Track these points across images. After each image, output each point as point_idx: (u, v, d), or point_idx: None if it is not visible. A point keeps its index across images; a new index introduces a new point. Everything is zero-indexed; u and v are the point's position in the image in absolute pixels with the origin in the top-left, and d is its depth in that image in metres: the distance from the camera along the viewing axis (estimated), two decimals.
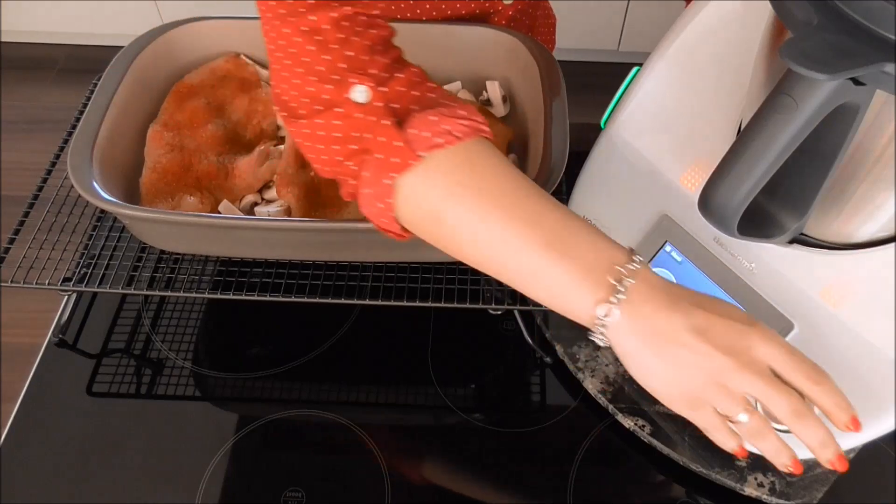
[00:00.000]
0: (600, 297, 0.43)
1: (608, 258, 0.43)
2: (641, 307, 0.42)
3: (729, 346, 0.41)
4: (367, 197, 0.48)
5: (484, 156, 0.46)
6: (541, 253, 0.44)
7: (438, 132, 0.45)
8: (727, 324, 0.42)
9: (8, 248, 0.66)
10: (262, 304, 0.68)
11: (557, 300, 0.45)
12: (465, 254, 0.47)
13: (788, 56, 0.34)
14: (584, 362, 0.67)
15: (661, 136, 0.59)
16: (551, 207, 0.45)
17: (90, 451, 0.65)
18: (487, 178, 0.45)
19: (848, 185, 0.46)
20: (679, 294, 0.43)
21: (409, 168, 0.45)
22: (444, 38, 0.75)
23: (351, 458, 0.64)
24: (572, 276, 0.43)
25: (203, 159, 0.68)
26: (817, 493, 0.60)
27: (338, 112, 0.47)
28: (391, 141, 0.45)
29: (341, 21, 0.46)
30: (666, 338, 0.42)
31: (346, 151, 0.47)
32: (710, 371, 0.41)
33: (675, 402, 0.43)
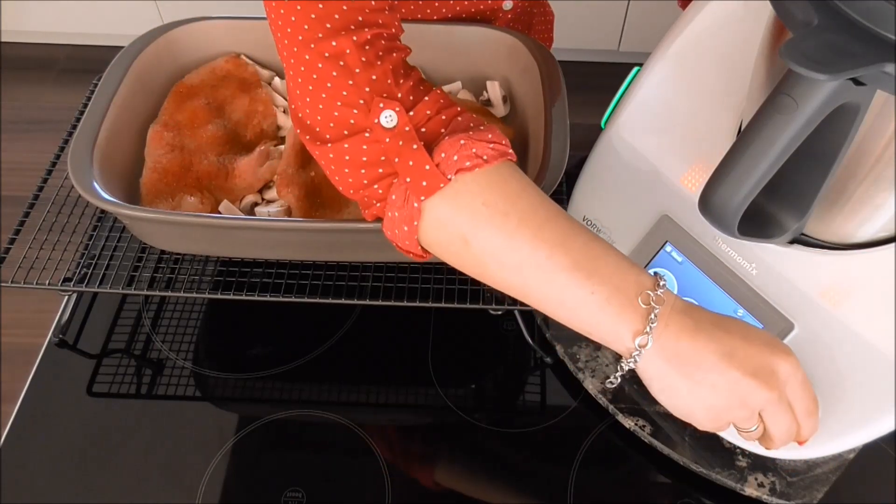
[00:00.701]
0: (636, 327, 0.44)
1: (635, 282, 0.44)
2: (669, 333, 0.43)
3: (755, 369, 0.43)
4: (392, 220, 0.48)
5: (511, 179, 0.47)
6: (569, 275, 0.44)
7: (467, 156, 0.46)
8: (751, 347, 0.44)
9: (8, 249, 0.66)
10: (262, 305, 0.68)
11: (587, 325, 0.46)
12: (492, 277, 0.47)
13: (789, 56, 0.34)
14: (585, 362, 0.67)
15: (661, 136, 0.59)
16: (577, 231, 0.46)
17: (90, 451, 0.65)
18: (514, 201, 0.46)
19: (848, 185, 0.46)
20: (703, 318, 0.44)
21: (438, 191, 0.46)
22: (445, 38, 0.75)
23: (351, 458, 0.64)
24: (600, 299, 0.44)
25: (203, 159, 0.68)
26: (817, 493, 0.60)
27: (366, 137, 0.47)
28: (421, 164, 0.46)
29: (363, 45, 0.46)
30: (695, 364, 0.43)
31: (374, 175, 0.48)
32: (738, 394, 0.44)
33: (700, 422, 0.46)
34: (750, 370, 0.43)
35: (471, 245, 0.46)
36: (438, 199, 0.46)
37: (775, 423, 0.45)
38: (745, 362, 0.43)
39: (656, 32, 0.60)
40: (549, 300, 0.46)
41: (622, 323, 0.44)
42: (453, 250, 0.48)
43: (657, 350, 0.44)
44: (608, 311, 0.44)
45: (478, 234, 0.46)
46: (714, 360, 0.43)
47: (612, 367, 0.67)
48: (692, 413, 0.45)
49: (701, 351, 0.43)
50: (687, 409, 0.45)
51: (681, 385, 0.44)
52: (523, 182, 0.47)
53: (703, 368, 0.43)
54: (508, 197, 0.46)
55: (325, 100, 0.47)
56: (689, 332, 0.43)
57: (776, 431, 0.46)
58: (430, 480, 0.64)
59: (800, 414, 0.46)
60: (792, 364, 0.44)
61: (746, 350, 0.43)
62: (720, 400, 0.44)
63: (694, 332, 0.43)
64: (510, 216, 0.45)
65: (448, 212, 0.46)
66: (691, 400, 0.45)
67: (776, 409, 0.45)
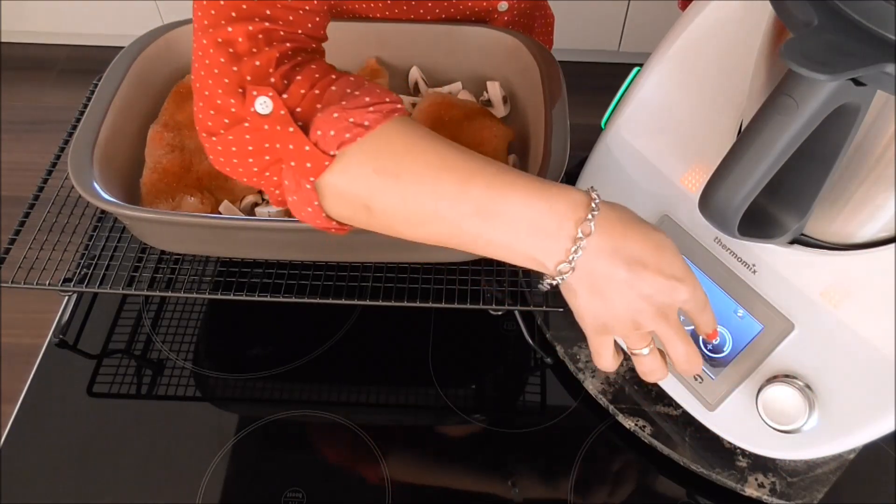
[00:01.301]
0: (556, 254, 0.44)
1: (548, 210, 0.44)
2: (588, 258, 0.44)
3: (652, 294, 0.44)
4: (294, 204, 0.48)
5: (398, 137, 0.46)
6: (473, 220, 0.44)
7: (344, 127, 0.45)
8: (660, 280, 0.44)
9: (8, 249, 0.66)
10: (262, 305, 0.68)
11: (505, 258, 0.46)
12: (405, 235, 0.48)
13: (789, 56, 0.34)
14: (585, 363, 0.67)
15: (661, 136, 0.59)
16: (478, 169, 0.45)
17: (90, 451, 0.65)
18: (403, 160, 0.45)
19: (848, 185, 0.46)
20: (625, 246, 0.44)
21: (325, 170, 0.45)
22: (445, 39, 0.75)
23: (351, 458, 0.64)
24: (511, 236, 0.44)
25: (203, 160, 0.68)
26: (818, 493, 0.60)
27: (245, 126, 0.47)
28: (300, 147, 0.45)
29: (257, 34, 0.46)
30: (601, 281, 0.44)
31: (262, 163, 0.48)
32: (627, 311, 0.45)
33: (586, 325, 0.47)
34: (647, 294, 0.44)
35: (374, 212, 0.46)
36: (329, 176, 0.46)
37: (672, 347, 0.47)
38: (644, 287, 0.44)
39: (656, 33, 0.60)
40: (465, 245, 0.46)
41: (538, 252, 0.44)
42: (360, 219, 0.48)
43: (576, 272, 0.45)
44: (521, 244, 0.44)
45: (376, 202, 0.46)
46: (620, 283, 0.44)
47: None
48: (583, 315, 0.47)
49: (611, 275, 0.44)
50: (580, 309, 0.47)
51: (581, 290, 0.45)
52: (413, 135, 0.47)
53: (607, 286, 0.44)
54: (397, 157, 0.45)
55: (211, 86, 0.47)
56: (606, 256, 0.44)
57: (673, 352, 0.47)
58: (429, 481, 0.64)
59: (699, 324, 0.48)
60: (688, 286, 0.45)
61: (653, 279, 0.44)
62: (612, 311, 0.45)
63: (611, 257, 0.44)
64: (402, 177, 0.45)
65: (342, 186, 0.46)
66: (586, 303, 0.46)
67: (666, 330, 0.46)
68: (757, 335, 0.55)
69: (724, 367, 0.57)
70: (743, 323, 0.56)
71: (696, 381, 0.59)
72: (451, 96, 0.75)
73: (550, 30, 0.89)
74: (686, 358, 0.48)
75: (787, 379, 0.54)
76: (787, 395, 0.53)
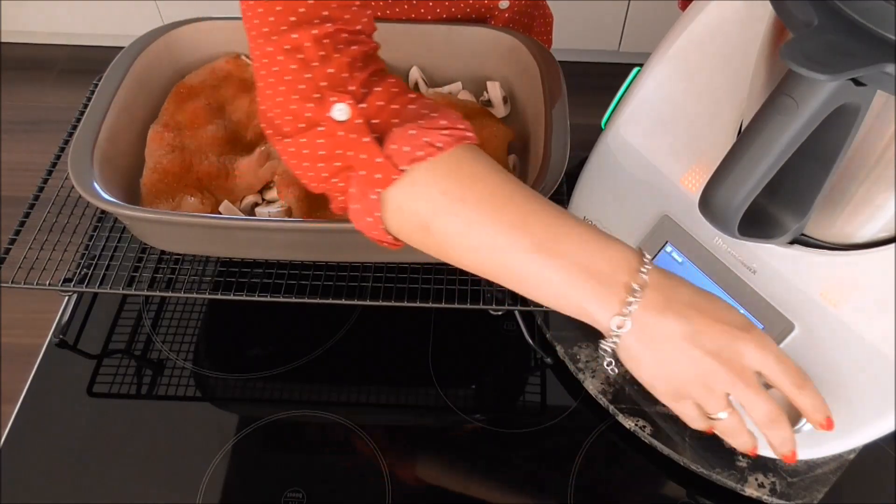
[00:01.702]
0: (609, 305, 0.43)
1: (606, 258, 0.44)
2: (643, 313, 0.43)
3: (718, 350, 0.43)
4: (355, 212, 0.49)
5: (467, 163, 0.47)
6: (529, 256, 0.44)
7: (419, 145, 0.46)
8: (720, 328, 0.43)
9: (8, 249, 0.66)
10: (262, 305, 0.68)
11: (554, 303, 0.45)
12: (457, 260, 0.48)
13: (789, 57, 0.34)
14: (585, 363, 0.67)
15: (661, 136, 0.60)
16: (540, 210, 0.45)
17: (90, 451, 0.65)
18: (470, 186, 0.46)
19: (848, 185, 0.46)
20: (677, 295, 0.44)
21: (393, 183, 0.46)
22: (445, 39, 0.75)
23: (351, 458, 0.64)
24: (564, 278, 0.44)
25: (204, 160, 0.68)
26: (818, 493, 0.60)
27: (320, 131, 0.47)
28: (372, 157, 0.46)
29: (322, 39, 0.46)
30: (660, 340, 0.43)
31: (332, 169, 0.48)
32: (696, 373, 0.44)
33: (660, 393, 0.46)
34: (712, 350, 0.43)
35: (431, 232, 0.47)
36: (395, 190, 0.46)
37: (752, 409, 0.44)
38: (709, 342, 0.43)
39: (656, 33, 0.60)
40: (515, 280, 0.46)
41: (590, 300, 0.44)
42: (417, 238, 0.48)
43: (632, 329, 0.44)
44: (574, 288, 0.44)
45: (437, 222, 0.46)
46: (676, 336, 0.43)
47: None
48: (653, 384, 0.46)
49: (666, 327, 0.43)
50: (649, 378, 0.45)
51: (644, 356, 0.44)
52: (481, 165, 0.47)
53: (665, 343, 0.43)
54: (464, 182, 0.46)
55: (283, 93, 0.47)
56: (658, 308, 0.43)
57: (755, 416, 0.45)
58: (429, 481, 0.64)
59: (789, 391, 0.44)
60: (759, 345, 0.44)
61: (711, 328, 0.43)
62: (680, 375, 0.44)
63: (663, 309, 0.43)
64: (467, 201, 0.45)
65: (406, 202, 0.46)
66: (654, 371, 0.45)
67: (744, 393, 0.44)
68: None
69: None
70: None
71: None
72: (451, 96, 0.75)
73: (549, 29, 0.89)
74: (768, 420, 0.44)
75: None
76: None
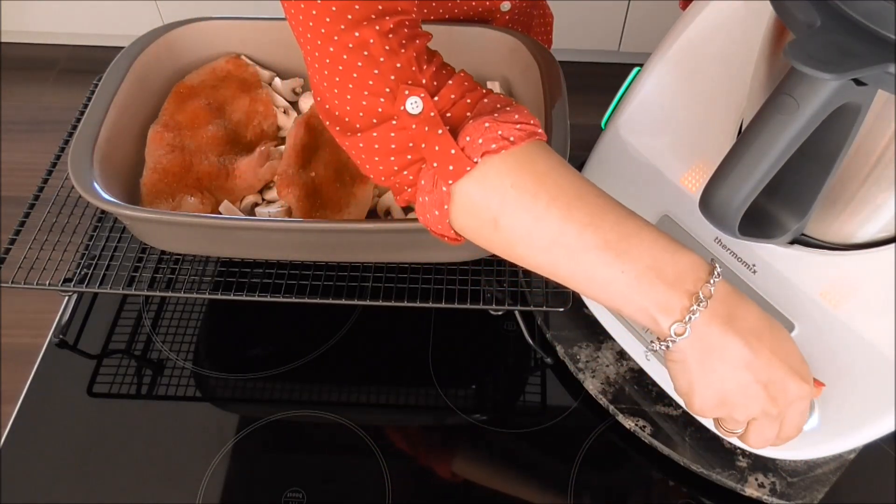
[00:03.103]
0: (671, 310, 0.43)
1: (673, 261, 0.44)
2: (705, 326, 0.43)
3: (767, 381, 0.44)
4: (423, 205, 0.49)
5: (539, 159, 0.47)
6: (598, 253, 0.44)
7: (492, 138, 0.46)
8: (778, 365, 0.44)
9: (8, 249, 0.66)
10: (262, 305, 0.68)
11: (618, 303, 0.45)
12: (522, 257, 0.47)
13: (793, 56, 0.34)
14: (585, 363, 0.67)
15: (661, 136, 0.59)
16: (610, 208, 0.45)
17: (90, 451, 0.65)
18: (542, 181, 0.46)
19: (848, 185, 0.46)
20: (742, 315, 0.44)
21: (465, 175, 0.46)
22: (445, 39, 0.75)
23: (352, 458, 0.64)
24: (630, 278, 0.44)
25: (204, 160, 0.68)
26: (818, 493, 0.60)
27: (393, 124, 0.47)
28: (446, 149, 0.46)
29: (387, 34, 0.46)
30: (715, 353, 0.44)
31: (403, 162, 0.48)
32: (739, 396, 0.44)
33: (692, 404, 0.46)
34: (763, 379, 0.43)
35: (500, 227, 0.46)
36: (466, 182, 0.46)
37: (760, 432, 0.46)
38: (761, 371, 0.43)
39: (656, 33, 0.60)
40: (580, 279, 0.46)
41: (653, 303, 0.43)
42: (484, 233, 0.48)
43: (689, 338, 0.44)
44: (639, 290, 0.44)
45: (506, 216, 0.46)
46: (734, 359, 0.43)
47: (613, 367, 0.67)
48: (691, 392, 0.46)
49: (726, 346, 0.43)
50: (688, 386, 0.45)
51: (693, 366, 0.44)
52: (553, 161, 0.47)
53: (720, 360, 0.43)
54: (536, 177, 0.46)
55: (352, 90, 0.47)
56: (721, 322, 0.43)
57: (756, 439, 0.47)
58: (430, 481, 0.64)
59: (780, 434, 0.47)
60: (804, 391, 0.45)
61: (769, 362, 0.44)
62: (722, 393, 0.44)
63: (726, 325, 0.43)
64: (539, 197, 0.45)
65: (476, 195, 0.46)
66: (696, 381, 0.45)
67: (768, 423, 0.45)
68: None
69: None
70: None
71: None
72: None
73: (549, 29, 0.89)
74: (767, 443, 0.47)
75: None
76: None
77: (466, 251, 0.65)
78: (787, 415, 0.46)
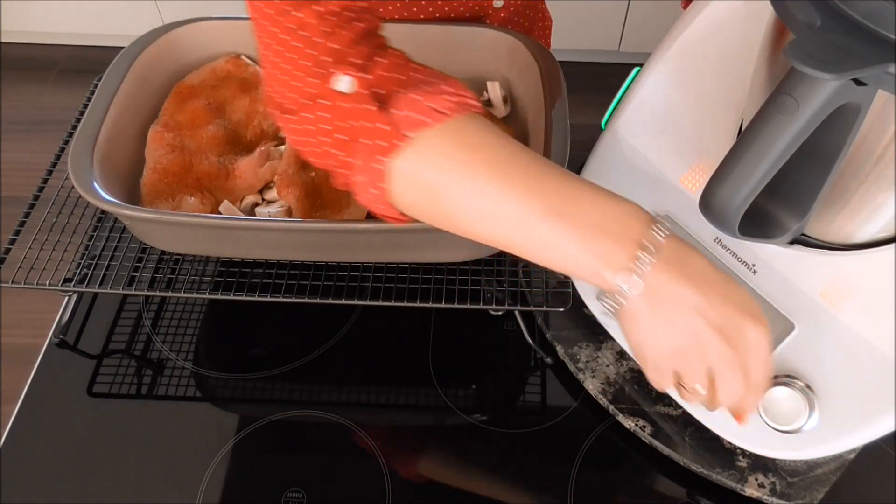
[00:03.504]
0: (620, 264, 0.42)
1: (616, 218, 0.43)
2: (657, 275, 0.42)
3: (722, 325, 0.43)
4: (360, 185, 0.48)
5: (473, 130, 0.46)
6: (541, 218, 0.43)
7: (423, 110, 0.45)
8: (731, 307, 0.43)
9: (8, 249, 0.66)
10: (262, 305, 0.68)
11: (568, 266, 0.45)
12: (466, 229, 0.47)
13: (794, 56, 0.34)
14: (585, 363, 0.67)
15: (661, 136, 0.60)
16: (548, 172, 0.45)
17: (90, 451, 0.65)
18: (478, 152, 0.45)
19: (848, 185, 0.46)
20: (693, 266, 0.43)
21: (398, 150, 0.45)
22: (445, 39, 0.75)
23: (352, 459, 0.64)
24: (576, 239, 0.43)
25: (204, 160, 0.68)
26: (818, 493, 0.60)
27: (324, 104, 0.47)
28: (378, 126, 0.45)
29: (326, 15, 0.46)
30: (667, 304, 0.43)
31: (336, 141, 0.48)
32: (693, 343, 0.43)
33: (645, 358, 0.45)
34: (717, 323, 0.42)
35: (440, 200, 0.46)
36: (400, 158, 0.45)
37: (724, 385, 0.45)
38: (713, 315, 0.42)
39: (656, 33, 0.60)
40: (527, 246, 0.45)
41: (600, 259, 0.43)
42: (425, 209, 0.47)
43: (643, 291, 0.43)
44: (587, 249, 0.43)
45: (444, 190, 0.45)
46: (685, 305, 0.42)
47: (613, 367, 0.67)
48: (643, 346, 0.45)
49: (676, 293, 0.42)
50: (640, 340, 0.45)
51: (645, 317, 0.43)
52: (487, 131, 0.46)
53: (671, 308, 0.43)
54: (471, 148, 0.45)
55: (288, 71, 0.47)
56: (670, 270, 0.42)
57: (722, 393, 0.45)
58: (430, 480, 0.64)
59: (749, 385, 0.45)
60: (762, 333, 0.43)
61: (722, 305, 0.42)
62: (675, 342, 0.43)
63: (675, 272, 0.42)
64: (474, 168, 0.44)
65: (412, 171, 0.46)
66: (648, 333, 0.44)
67: (729, 371, 0.44)
68: None
69: None
70: None
71: None
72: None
73: (548, 33, 0.89)
74: (735, 398, 0.45)
75: (787, 379, 0.54)
76: (788, 395, 0.53)
77: (466, 251, 0.65)
78: (750, 362, 0.44)
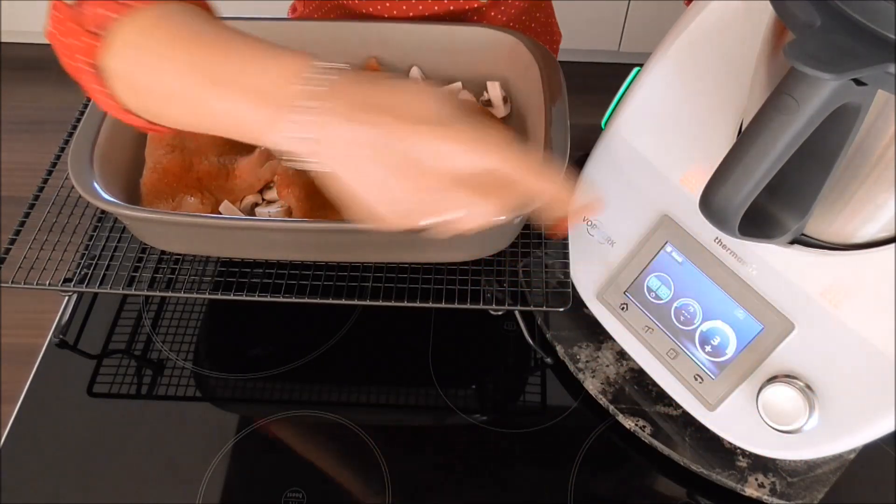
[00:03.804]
0: (280, 126, 0.41)
1: (270, 74, 0.42)
2: (327, 125, 0.41)
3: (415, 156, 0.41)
4: (95, 93, 0.48)
5: (163, 17, 0.46)
6: (205, 90, 0.43)
7: (110, 7, 0.45)
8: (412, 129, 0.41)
9: (9, 249, 0.66)
10: (262, 305, 0.68)
11: (245, 134, 0.44)
12: (168, 117, 0.47)
13: (794, 56, 0.34)
14: (585, 363, 0.67)
15: (661, 136, 0.60)
16: (219, 40, 0.44)
17: (90, 451, 0.65)
18: (153, 33, 0.45)
19: (848, 185, 0.46)
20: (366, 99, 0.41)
21: (95, 50, 0.45)
22: (445, 39, 0.75)
23: (351, 459, 0.64)
24: (235, 105, 0.43)
25: (204, 160, 0.68)
26: (818, 493, 0.60)
27: (54, 15, 0.47)
28: (76, 31, 0.46)
29: None
30: (353, 152, 0.41)
31: (63, 49, 0.48)
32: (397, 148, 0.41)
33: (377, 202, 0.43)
34: (409, 154, 0.40)
35: (138, 93, 0.46)
36: (102, 58, 0.45)
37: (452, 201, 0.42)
38: (398, 145, 0.40)
39: (657, 32, 0.60)
40: (205, 125, 0.45)
41: (262, 123, 0.42)
42: (140, 106, 0.47)
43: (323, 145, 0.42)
44: (246, 116, 0.42)
45: (137, 79, 0.46)
46: (369, 147, 0.41)
47: (613, 367, 0.67)
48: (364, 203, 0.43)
49: (355, 139, 0.41)
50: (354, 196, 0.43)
51: (346, 177, 0.42)
52: (178, 15, 0.46)
53: (361, 157, 0.41)
54: (155, 33, 0.45)
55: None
56: (342, 117, 0.41)
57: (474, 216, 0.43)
58: (429, 481, 0.64)
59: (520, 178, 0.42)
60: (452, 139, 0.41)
61: (400, 131, 0.40)
62: (392, 195, 0.42)
63: (348, 117, 0.41)
64: (154, 51, 0.45)
65: (110, 67, 0.46)
66: (361, 193, 0.43)
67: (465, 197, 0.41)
68: (757, 335, 0.55)
69: (724, 367, 0.57)
70: (743, 323, 0.56)
71: (696, 381, 0.59)
72: None
73: (556, 48, 0.89)
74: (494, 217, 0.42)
75: (787, 379, 0.54)
76: (788, 395, 0.53)
77: (466, 251, 0.65)
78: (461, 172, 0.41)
